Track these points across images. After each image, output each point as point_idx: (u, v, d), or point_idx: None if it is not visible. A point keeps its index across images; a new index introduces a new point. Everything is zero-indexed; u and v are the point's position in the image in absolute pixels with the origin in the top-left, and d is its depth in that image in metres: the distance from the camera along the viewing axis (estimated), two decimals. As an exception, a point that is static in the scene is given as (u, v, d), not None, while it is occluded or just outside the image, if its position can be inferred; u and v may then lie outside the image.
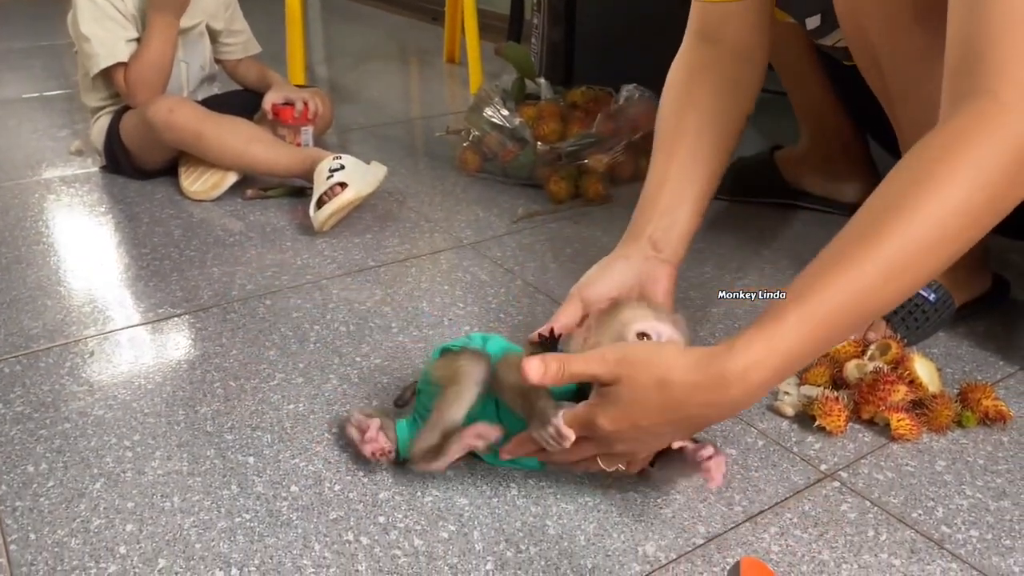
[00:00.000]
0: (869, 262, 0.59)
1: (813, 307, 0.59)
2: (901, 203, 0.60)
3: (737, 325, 0.93)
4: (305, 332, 0.91)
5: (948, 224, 0.59)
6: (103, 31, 1.24)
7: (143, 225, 1.18)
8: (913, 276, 0.61)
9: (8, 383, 0.81)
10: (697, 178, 0.89)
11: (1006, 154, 0.59)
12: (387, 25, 2.87)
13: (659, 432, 0.62)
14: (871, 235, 0.60)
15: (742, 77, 0.93)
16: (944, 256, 0.61)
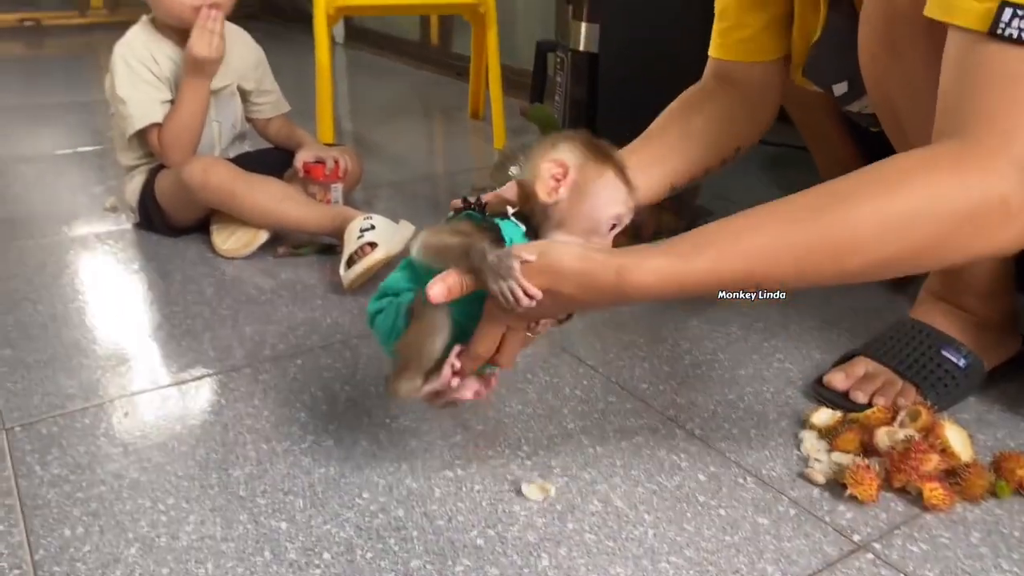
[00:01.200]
0: (785, 242, 0.63)
1: (719, 264, 0.63)
2: (842, 195, 0.64)
3: (766, 389, 0.93)
4: (335, 393, 0.92)
5: (870, 232, 0.62)
6: (138, 93, 1.28)
7: (176, 283, 1.20)
8: (816, 265, 0.63)
9: (46, 444, 0.82)
10: (668, 166, 0.96)
11: (970, 198, 0.61)
12: (412, 80, 2.93)
13: (565, 301, 0.65)
14: (797, 218, 0.64)
15: (740, 115, 1.00)
16: (855, 263, 0.63)
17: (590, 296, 0.65)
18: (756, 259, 0.63)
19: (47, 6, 4.17)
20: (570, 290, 0.64)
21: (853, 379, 0.90)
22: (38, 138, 2.08)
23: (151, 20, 1.33)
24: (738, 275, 0.63)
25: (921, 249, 0.63)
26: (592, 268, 0.64)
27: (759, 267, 0.63)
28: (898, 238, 0.62)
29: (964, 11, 0.63)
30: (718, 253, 0.64)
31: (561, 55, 1.85)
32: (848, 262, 0.63)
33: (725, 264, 0.63)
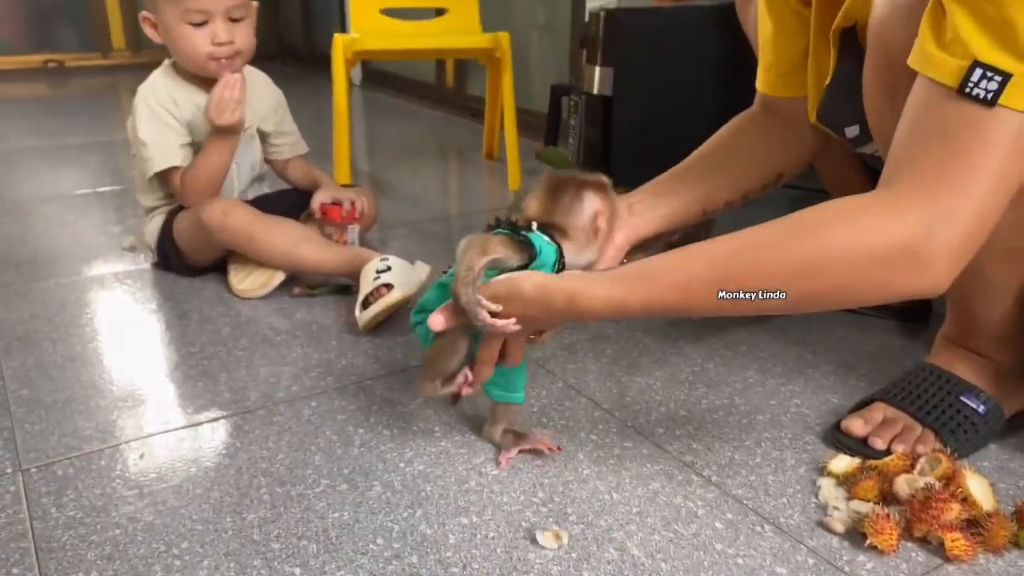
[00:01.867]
0: (710, 275, 0.71)
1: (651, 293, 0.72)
2: (764, 237, 0.72)
3: (784, 433, 0.93)
4: (350, 436, 0.92)
5: (781, 274, 0.69)
6: (159, 136, 1.30)
7: (193, 323, 1.21)
8: (747, 305, 0.70)
9: (62, 486, 0.82)
10: (702, 191, 1.01)
11: (876, 247, 0.66)
12: (427, 121, 2.97)
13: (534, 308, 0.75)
14: (720, 252, 0.72)
15: (784, 143, 1.04)
16: (785, 299, 0.69)
17: (551, 316, 0.77)
18: (681, 293, 0.72)
19: (71, 48, 4.27)
20: (534, 312, 0.76)
21: (871, 425, 0.89)
22: (60, 178, 2.11)
23: (173, 64, 1.36)
24: (669, 305, 0.73)
25: (830, 290, 0.69)
26: (548, 295, 0.75)
27: (684, 300, 0.72)
28: (806, 280, 0.68)
29: (938, 65, 0.64)
30: (651, 285, 0.73)
31: (575, 98, 1.87)
32: (761, 301, 0.70)
33: (656, 296, 0.73)
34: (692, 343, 1.15)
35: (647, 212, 0.99)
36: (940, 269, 0.66)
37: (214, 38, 1.27)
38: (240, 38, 1.30)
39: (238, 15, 1.29)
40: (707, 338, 1.17)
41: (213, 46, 1.28)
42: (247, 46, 1.32)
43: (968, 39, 0.62)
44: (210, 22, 1.27)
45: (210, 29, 1.27)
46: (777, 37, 1.02)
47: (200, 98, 1.33)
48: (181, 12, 1.26)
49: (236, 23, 1.29)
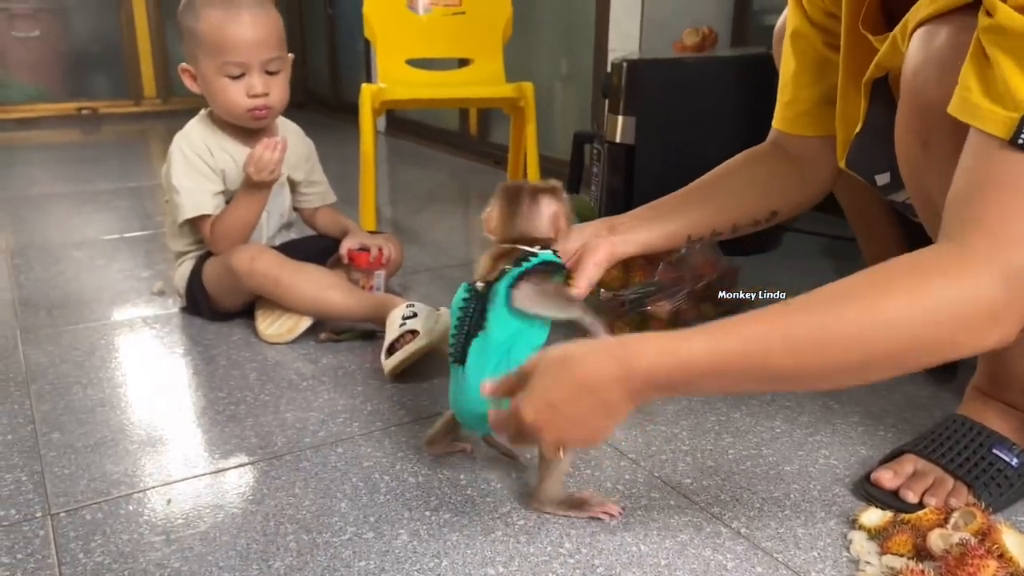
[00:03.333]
0: (780, 331, 0.66)
1: (718, 343, 0.66)
2: (838, 296, 0.67)
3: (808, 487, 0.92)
4: (376, 483, 0.92)
5: (867, 331, 0.65)
6: (191, 184, 1.33)
7: (220, 367, 1.22)
8: (819, 362, 0.66)
9: (90, 531, 0.83)
10: (689, 218, 1.06)
11: (953, 305, 0.64)
12: (451, 168, 3.00)
13: (572, 411, 0.68)
14: (795, 310, 0.67)
15: (787, 182, 1.07)
16: (853, 359, 0.66)
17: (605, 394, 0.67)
18: (751, 341, 0.66)
19: (104, 95, 4.38)
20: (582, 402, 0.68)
21: (902, 477, 0.88)
22: (90, 223, 2.15)
23: (209, 114, 1.39)
24: (734, 356, 0.66)
25: (904, 350, 0.66)
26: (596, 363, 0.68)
27: (753, 349, 0.66)
28: (882, 339, 0.66)
29: (988, 117, 0.65)
30: (715, 336, 0.67)
31: (598, 146, 1.89)
32: (834, 359, 0.66)
33: (722, 349, 0.66)
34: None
35: (629, 233, 1.04)
36: (1012, 324, 0.65)
37: (250, 90, 1.31)
38: (275, 91, 1.33)
39: (274, 68, 1.33)
40: (733, 387, 1.16)
41: (249, 98, 1.31)
42: (281, 99, 1.35)
43: (1018, 90, 0.62)
44: (247, 75, 1.31)
45: (247, 82, 1.31)
46: (798, 76, 1.04)
47: (234, 148, 1.36)
48: (220, 65, 1.30)
49: (272, 76, 1.33)
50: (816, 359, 0.66)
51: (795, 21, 1.04)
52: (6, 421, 1.05)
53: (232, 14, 1.28)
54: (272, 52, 1.32)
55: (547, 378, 0.69)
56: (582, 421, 0.69)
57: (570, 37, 2.68)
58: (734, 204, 1.07)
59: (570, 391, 0.68)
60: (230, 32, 1.28)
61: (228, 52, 1.29)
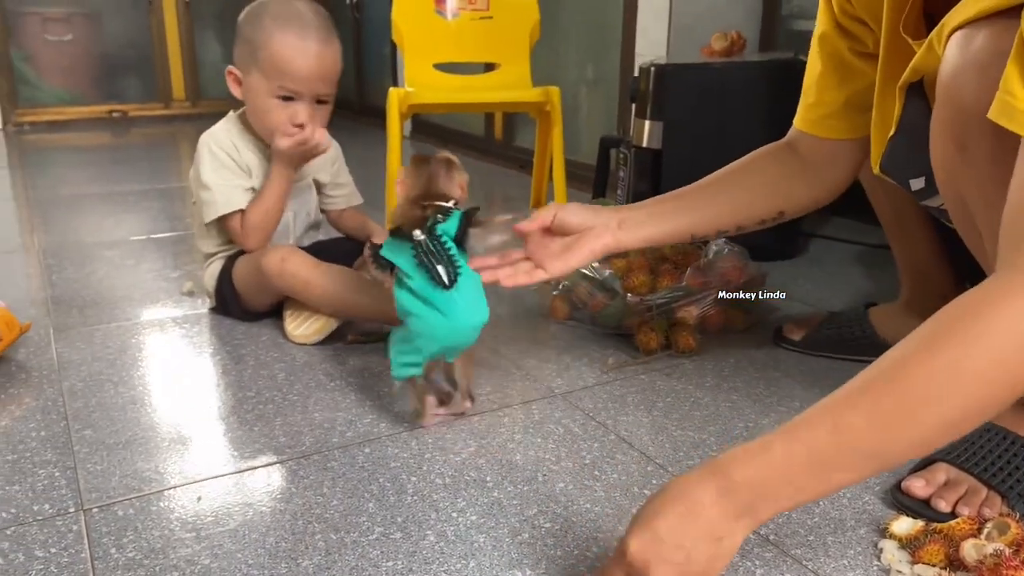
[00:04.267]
0: (861, 407, 0.62)
1: (799, 441, 0.63)
2: (909, 356, 0.63)
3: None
4: (403, 484, 0.92)
5: (948, 383, 0.61)
6: (222, 180, 1.34)
7: (248, 368, 1.23)
8: (906, 427, 0.62)
9: (122, 527, 0.84)
10: (695, 215, 1.07)
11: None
12: (475, 172, 3.00)
13: (679, 538, 0.62)
14: (870, 379, 0.63)
15: (796, 183, 1.08)
16: (939, 414, 0.62)
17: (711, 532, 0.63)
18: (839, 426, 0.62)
19: (134, 98, 4.44)
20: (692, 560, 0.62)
21: (934, 486, 0.87)
22: (120, 224, 2.18)
23: (239, 116, 1.40)
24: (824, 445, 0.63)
25: (997, 393, 0.62)
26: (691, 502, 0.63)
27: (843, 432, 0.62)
28: (972, 390, 0.61)
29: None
30: (792, 429, 0.64)
31: (624, 151, 1.89)
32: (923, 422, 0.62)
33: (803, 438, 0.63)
34: (745, 398, 1.14)
35: (634, 229, 1.05)
36: None
37: (293, 117, 1.30)
38: (319, 119, 1.33)
39: (326, 98, 1.33)
40: (760, 393, 1.16)
41: (290, 125, 1.31)
42: (321, 127, 1.34)
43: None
44: (297, 100, 1.31)
45: (293, 108, 1.30)
46: (823, 79, 1.04)
47: (261, 147, 1.37)
48: (275, 86, 1.29)
49: (321, 104, 1.33)
50: (918, 425, 0.62)
51: (824, 24, 1.03)
52: (40, 417, 1.07)
53: (302, 44, 1.28)
54: (328, 87, 1.33)
55: (650, 512, 0.64)
56: (690, 554, 0.62)
57: (597, 42, 2.68)
58: (742, 203, 1.08)
59: (674, 520, 0.63)
60: (294, 60, 1.28)
61: (286, 78, 1.29)
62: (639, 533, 0.63)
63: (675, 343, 1.29)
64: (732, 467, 0.63)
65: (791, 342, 1.31)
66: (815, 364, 1.26)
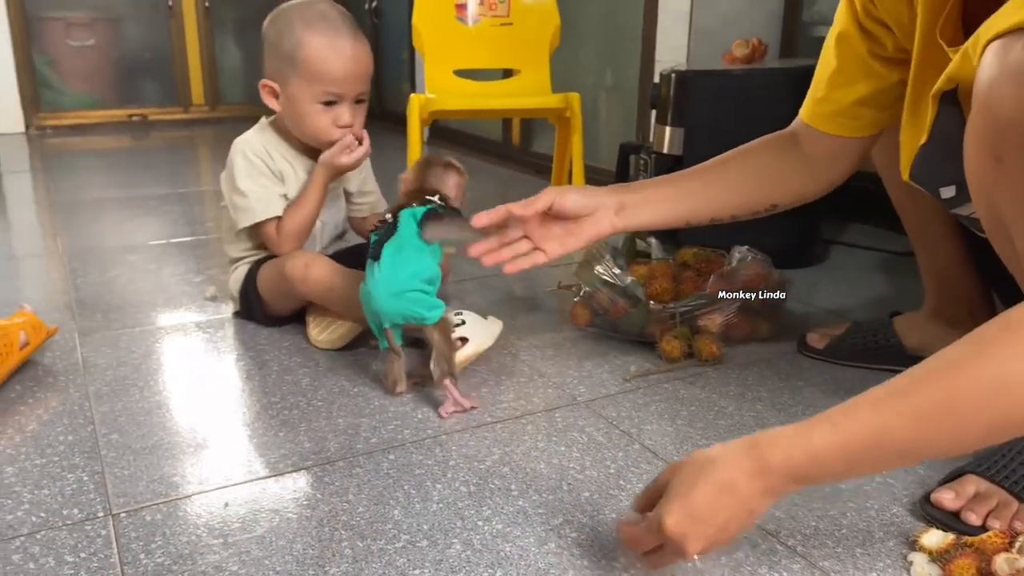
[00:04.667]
0: (905, 411, 0.64)
1: (845, 428, 0.65)
2: (956, 358, 0.64)
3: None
4: (428, 491, 0.92)
5: (990, 388, 0.62)
6: (258, 187, 1.35)
7: (273, 373, 1.24)
8: (949, 429, 0.64)
9: (150, 532, 0.84)
10: (691, 203, 1.09)
11: None
12: (493, 177, 3.02)
13: (714, 516, 0.67)
14: (917, 378, 0.65)
15: (793, 174, 1.10)
16: (984, 420, 0.63)
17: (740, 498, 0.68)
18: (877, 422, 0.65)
19: (154, 102, 4.47)
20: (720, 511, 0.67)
21: (964, 499, 0.86)
22: (142, 228, 2.20)
23: (272, 123, 1.41)
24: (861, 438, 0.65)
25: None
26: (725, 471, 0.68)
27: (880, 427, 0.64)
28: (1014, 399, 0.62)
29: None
30: (835, 416, 0.67)
31: (644, 157, 1.89)
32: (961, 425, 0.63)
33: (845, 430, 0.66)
34: (769, 408, 1.14)
35: (632, 215, 1.07)
36: None
37: (338, 120, 1.31)
38: (359, 120, 1.35)
39: (364, 97, 1.35)
40: (784, 402, 1.15)
41: (336, 128, 1.32)
42: (361, 127, 1.36)
43: None
44: (339, 104, 1.31)
45: (336, 111, 1.31)
46: (835, 77, 1.05)
47: (295, 158, 1.38)
48: (317, 92, 1.30)
49: (358, 105, 1.34)
50: (955, 427, 0.64)
51: (844, 23, 1.04)
52: (67, 421, 1.08)
53: (337, 46, 1.29)
54: (366, 86, 1.34)
55: (685, 484, 0.68)
56: (724, 525, 0.68)
57: (616, 48, 2.68)
58: (738, 193, 1.10)
59: (710, 495, 0.67)
60: (334, 63, 1.29)
61: (328, 82, 1.29)
62: (676, 509, 0.67)
63: (698, 351, 1.28)
64: (771, 451, 0.67)
65: (815, 351, 1.30)
66: (839, 373, 1.25)
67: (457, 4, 2.11)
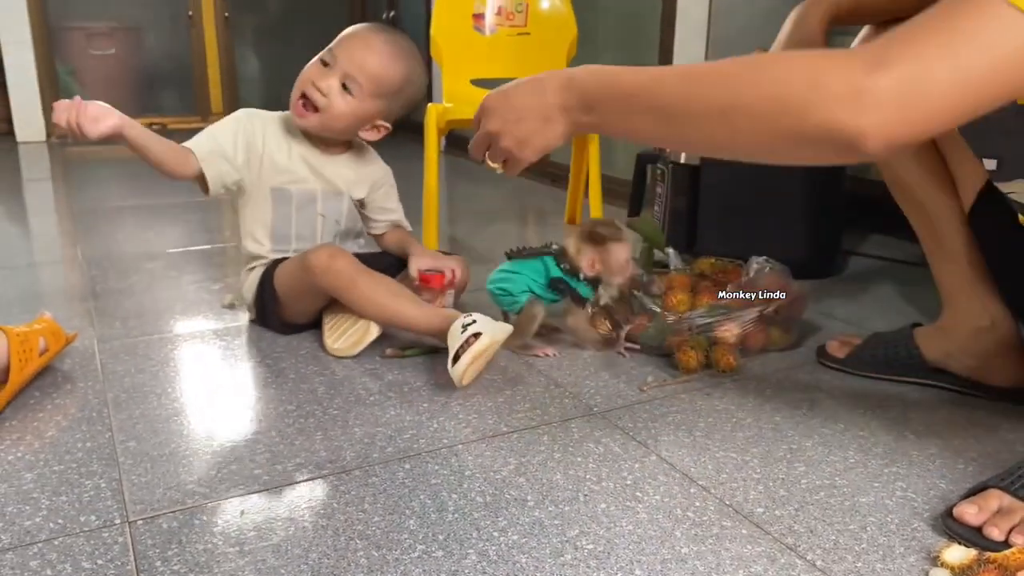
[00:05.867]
0: (684, 67, 0.76)
1: (637, 73, 0.77)
2: (738, 63, 0.72)
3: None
4: (443, 501, 0.92)
5: (745, 71, 0.70)
6: (208, 138, 1.44)
7: (289, 381, 1.24)
8: (700, 94, 0.72)
9: (167, 539, 0.85)
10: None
11: (824, 66, 0.65)
12: (508, 186, 3.02)
13: (521, 103, 0.83)
14: (706, 67, 0.75)
15: None
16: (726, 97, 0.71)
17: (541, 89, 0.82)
18: (658, 73, 0.76)
19: (173, 111, 4.52)
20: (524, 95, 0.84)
21: (987, 513, 0.85)
22: (161, 236, 2.22)
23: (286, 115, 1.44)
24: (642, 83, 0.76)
25: (765, 98, 0.68)
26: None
27: (657, 77, 0.76)
28: (752, 79, 0.69)
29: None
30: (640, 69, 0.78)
31: (662, 167, 1.89)
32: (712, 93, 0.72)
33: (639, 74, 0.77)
34: (788, 419, 1.13)
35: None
36: (874, 119, 0.63)
37: (315, 78, 1.35)
38: (335, 103, 1.35)
39: (352, 88, 1.35)
40: (803, 414, 1.14)
41: (308, 85, 1.35)
42: (332, 111, 1.35)
43: None
44: (330, 69, 1.35)
45: (324, 72, 1.35)
46: None
47: (294, 138, 1.42)
48: (326, 50, 1.37)
49: (344, 91, 1.35)
50: (699, 90, 0.72)
51: None
52: (85, 428, 1.08)
53: (373, 31, 1.38)
54: (358, 74, 1.34)
55: (512, 83, 0.85)
56: (522, 117, 0.82)
57: (634, 57, 2.67)
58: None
59: (523, 89, 0.83)
60: (355, 37, 1.37)
61: (335, 46, 1.36)
62: (497, 93, 0.85)
63: (715, 363, 1.27)
64: (579, 73, 0.80)
65: (835, 360, 1.29)
66: (858, 384, 1.24)
67: (475, 14, 2.12)
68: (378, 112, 1.39)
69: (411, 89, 1.41)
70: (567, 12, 2.14)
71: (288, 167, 1.40)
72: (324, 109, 1.35)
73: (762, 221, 1.75)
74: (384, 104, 1.38)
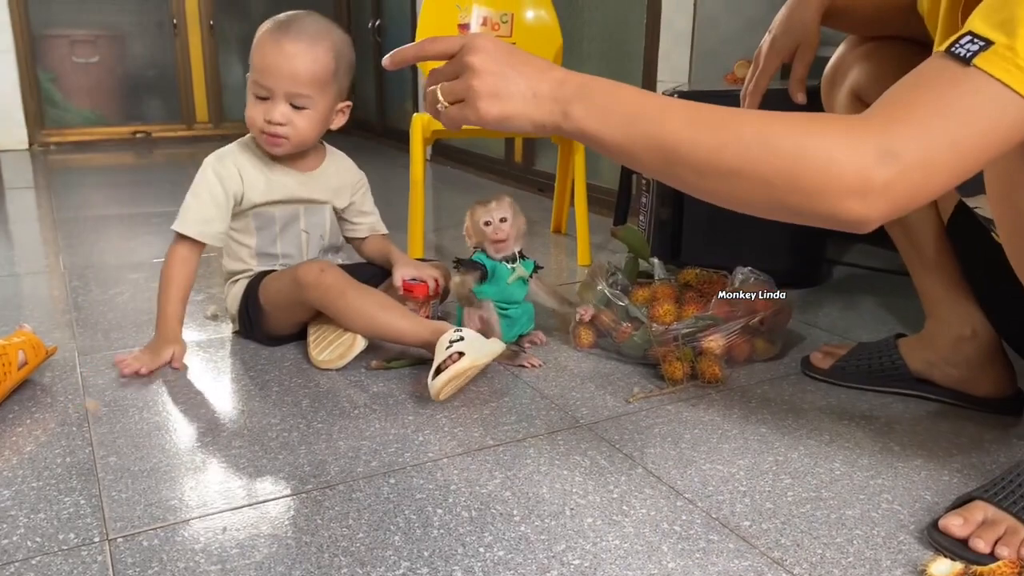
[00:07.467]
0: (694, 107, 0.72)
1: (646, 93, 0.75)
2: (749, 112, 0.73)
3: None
4: (428, 516, 0.91)
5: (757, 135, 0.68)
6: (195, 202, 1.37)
7: (272, 394, 1.23)
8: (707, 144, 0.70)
9: (147, 557, 0.83)
10: None
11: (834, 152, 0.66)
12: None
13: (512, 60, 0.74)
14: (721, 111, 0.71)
15: None
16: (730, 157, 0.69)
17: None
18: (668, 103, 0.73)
19: (157, 119, 4.49)
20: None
21: (972, 525, 0.85)
22: (143, 246, 2.20)
23: (252, 137, 1.41)
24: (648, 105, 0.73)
25: (772, 172, 0.67)
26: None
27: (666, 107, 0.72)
28: (762, 150, 0.68)
29: (946, 42, 0.69)
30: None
31: (647, 177, 1.89)
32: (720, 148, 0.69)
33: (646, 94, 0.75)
34: (773, 431, 1.13)
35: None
36: (877, 207, 0.66)
37: (266, 115, 1.32)
38: (297, 124, 1.33)
39: (300, 103, 1.32)
40: (789, 425, 1.14)
41: (264, 122, 1.33)
42: (299, 134, 1.34)
43: (973, 19, 0.68)
44: (272, 100, 1.32)
45: (267, 106, 1.32)
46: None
47: (268, 167, 1.40)
48: (252, 83, 1.33)
49: (297, 110, 1.33)
50: (706, 141, 0.70)
51: None
52: (65, 443, 1.07)
53: (276, 39, 1.31)
54: (298, 88, 1.31)
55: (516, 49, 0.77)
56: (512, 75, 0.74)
57: (618, 67, 2.68)
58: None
59: (530, 56, 0.76)
60: (266, 55, 1.31)
61: (257, 72, 1.32)
62: (497, 40, 0.76)
63: (701, 373, 1.27)
64: (585, 76, 0.75)
65: (819, 371, 1.30)
66: (843, 395, 1.24)
67: (460, 24, 2.12)
68: (334, 100, 1.38)
69: (345, 58, 1.37)
70: (552, 22, 2.14)
71: (268, 193, 1.39)
72: (292, 135, 1.34)
73: (747, 231, 1.75)
74: (334, 89, 1.36)
